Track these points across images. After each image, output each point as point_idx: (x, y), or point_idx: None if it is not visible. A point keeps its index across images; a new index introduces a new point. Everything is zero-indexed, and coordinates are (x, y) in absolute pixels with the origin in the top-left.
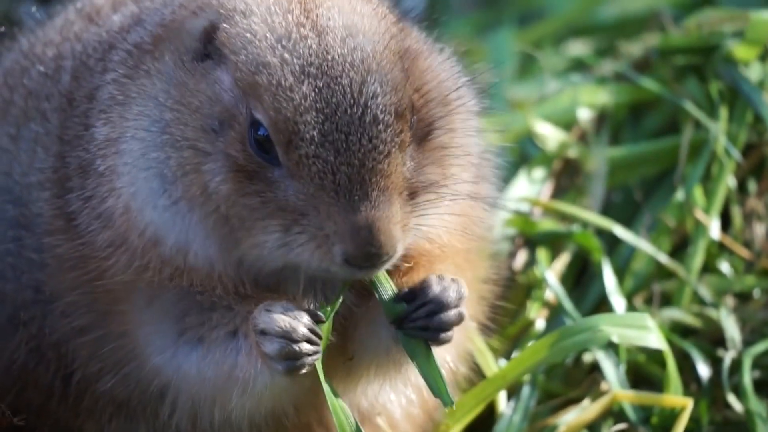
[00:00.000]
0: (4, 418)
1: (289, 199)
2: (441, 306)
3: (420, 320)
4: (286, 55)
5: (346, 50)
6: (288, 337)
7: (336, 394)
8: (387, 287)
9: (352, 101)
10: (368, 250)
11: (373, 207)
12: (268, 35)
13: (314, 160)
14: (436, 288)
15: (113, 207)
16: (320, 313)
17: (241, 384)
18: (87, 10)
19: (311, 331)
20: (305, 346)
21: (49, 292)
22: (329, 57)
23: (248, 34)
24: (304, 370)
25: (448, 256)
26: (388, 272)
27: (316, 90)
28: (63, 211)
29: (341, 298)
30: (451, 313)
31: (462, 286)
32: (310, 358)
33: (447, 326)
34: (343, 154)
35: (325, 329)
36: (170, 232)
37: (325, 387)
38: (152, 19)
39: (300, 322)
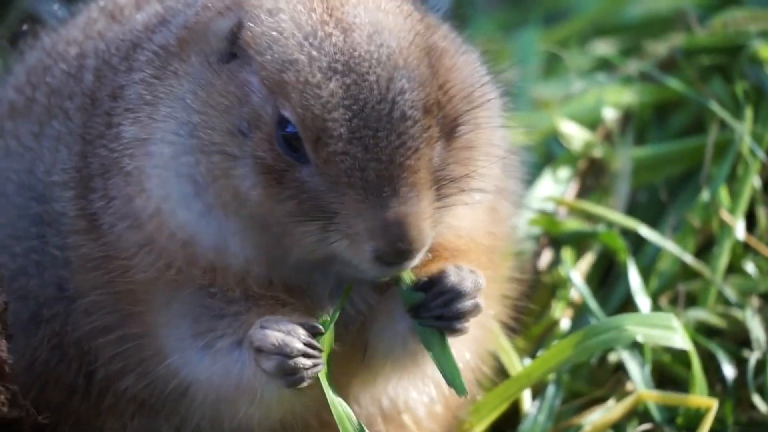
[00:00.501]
0: (29, 416)
1: (319, 198)
2: (457, 295)
3: (436, 309)
4: (313, 53)
5: (372, 47)
6: (282, 353)
7: (339, 398)
8: (405, 277)
9: (379, 97)
10: (399, 246)
11: (402, 203)
12: (294, 33)
13: (343, 156)
14: (453, 278)
15: (142, 208)
16: (318, 325)
17: (248, 394)
18: (110, 8)
19: (307, 344)
20: (302, 361)
21: (72, 290)
22: (356, 54)
23: (274, 33)
24: (305, 384)
25: (472, 252)
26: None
27: (344, 87)
28: (86, 211)
29: (343, 303)
30: (468, 303)
31: (480, 277)
32: (309, 371)
33: (463, 315)
34: (372, 151)
35: (326, 340)
36: (206, 236)
37: (329, 397)
38: (177, 21)
39: (294, 337)
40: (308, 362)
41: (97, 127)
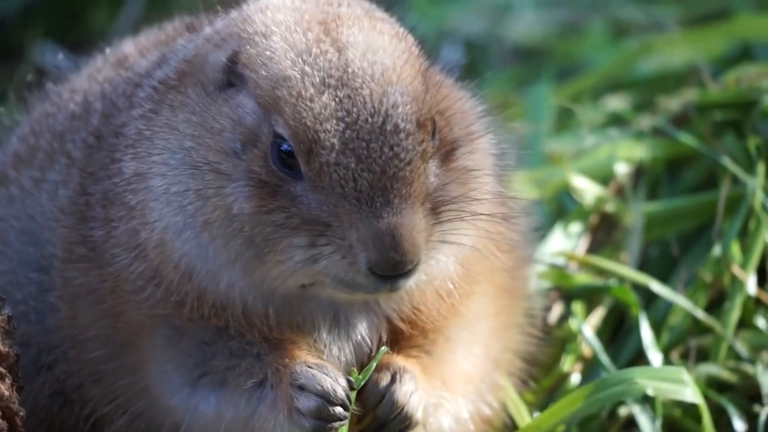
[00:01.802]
0: None
1: (313, 212)
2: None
3: None
4: (307, 68)
5: (366, 64)
6: (326, 397)
7: None
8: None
9: (372, 110)
10: (392, 256)
11: (395, 214)
12: (288, 51)
13: (335, 167)
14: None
15: (147, 241)
16: (353, 380)
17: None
18: (115, 57)
19: (347, 396)
20: (339, 410)
21: (64, 336)
22: (349, 70)
23: (268, 52)
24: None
25: (457, 317)
26: (392, 340)
27: (337, 100)
28: (84, 239)
29: (374, 365)
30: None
31: (414, 396)
32: (338, 422)
33: None
34: (364, 161)
35: (352, 397)
36: (200, 262)
37: None
38: (177, 56)
39: (339, 386)
40: (343, 413)
41: (101, 161)
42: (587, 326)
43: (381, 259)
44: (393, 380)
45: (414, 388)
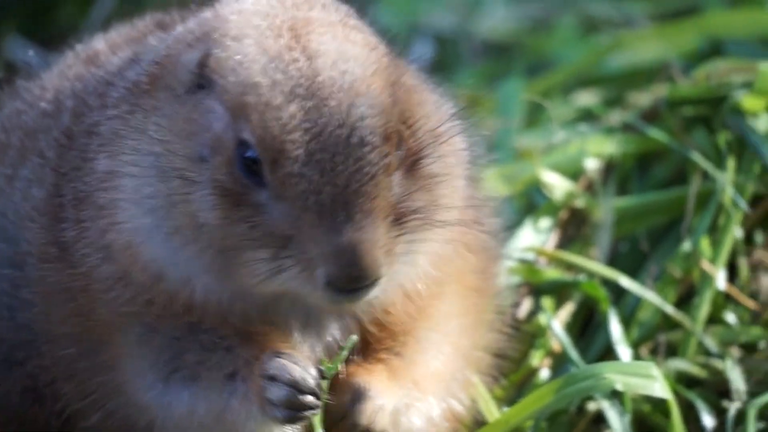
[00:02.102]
0: None
1: (276, 223)
2: None
3: None
4: (276, 76)
5: (335, 73)
6: (296, 386)
7: None
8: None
9: (339, 122)
10: (351, 272)
11: (356, 229)
12: (257, 57)
13: (299, 179)
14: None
15: (115, 241)
16: (324, 369)
17: (230, 428)
18: (85, 54)
19: (317, 385)
20: (309, 399)
21: (38, 331)
22: (318, 79)
23: (238, 57)
24: (300, 423)
25: (427, 319)
26: (363, 342)
27: (304, 110)
28: (57, 239)
29: (345, 354)
30: None
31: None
32: (310, 411)
33: None
34: (328, 175)
35: (324, 386)
36: (171, 266)
37: None
38: (148, 57)
39: (309, 375)
40: (314, 402)
41: (73, 161)
42: (556, 321)
43: (340, 275)
44: (355, 399)
45: (379, 406)
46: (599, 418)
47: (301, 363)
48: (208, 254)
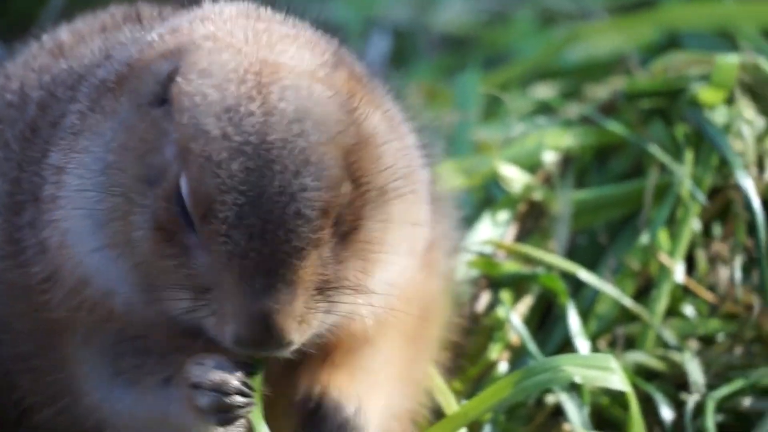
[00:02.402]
0: None
1: (199, 270)
2: None
3: None
4: (226, 129)
5: (288, 135)
6: (220, 390)
7: None
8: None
9: (279, 190)
10: (258, 339)
11: (272, 299)
12: (214, 102)
13: (226, 239)
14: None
15: (50, 238)
16: (253, 364)
17: (174, 430)
18: (50, 44)
19: (244, 383)
20: (237, 399)
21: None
22: (269, 138)
23: (198, 97)
24: (237, 423)
25: (379, 337)
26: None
27: (245, 171)
28: (13, 236)
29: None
30: None
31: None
32: (242, 410)
33: None
34: (256, 241)
35: (256, 381)
36: (98, 276)
37: None
38: (120, 56)
39: (232, 375)
40: (243, 400)
41: (34, 155)
42: (515, 314)
43: (247, 338)
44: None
45: (337, 407)
46: (558, 411)
47: (223, 365)
48: (135, 274)
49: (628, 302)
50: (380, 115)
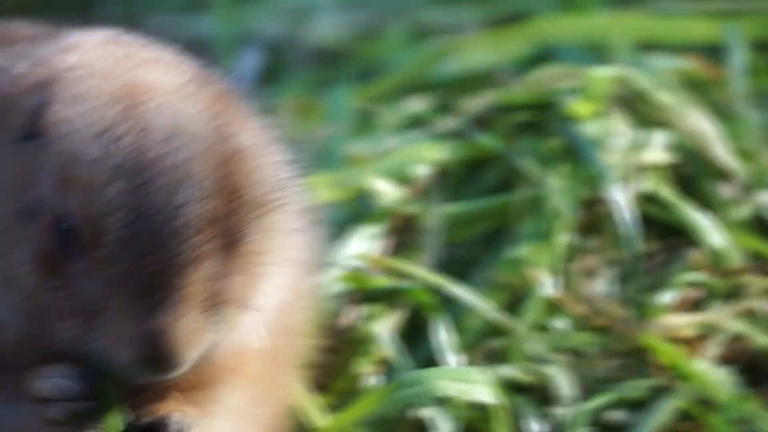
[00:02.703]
0: None
1: (88, 296)
2: None
3: None
4: (104, 151)
5: (165, 151)
6: (66, 398)
7: None
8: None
9: (161, 206)
10: (153, 358)
11: (165, 317)
12: (90, 127)
13: (113, 261)
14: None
15: None
16: (98, 368)
17: None
18: None
19: (92, 389)
20: (86, 404)
21: None
22: (146, 158)
23: (72, 123)
24: (94, 424)
25: (246, 368)
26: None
27: (127, 191)
28: None
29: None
30: None
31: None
32: (91, 414)
33: None
34: (144, 260)
35: (109, 385)
36: None
37: None
38: None
39: (73, 382)
40: (90, 404)
41: None
42: (384, 329)
43: (142, 360)
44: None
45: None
46: (426, 425)
47: (63, 374)
48: (24, 308)
49: (496, 315)
50: (249, 131)
